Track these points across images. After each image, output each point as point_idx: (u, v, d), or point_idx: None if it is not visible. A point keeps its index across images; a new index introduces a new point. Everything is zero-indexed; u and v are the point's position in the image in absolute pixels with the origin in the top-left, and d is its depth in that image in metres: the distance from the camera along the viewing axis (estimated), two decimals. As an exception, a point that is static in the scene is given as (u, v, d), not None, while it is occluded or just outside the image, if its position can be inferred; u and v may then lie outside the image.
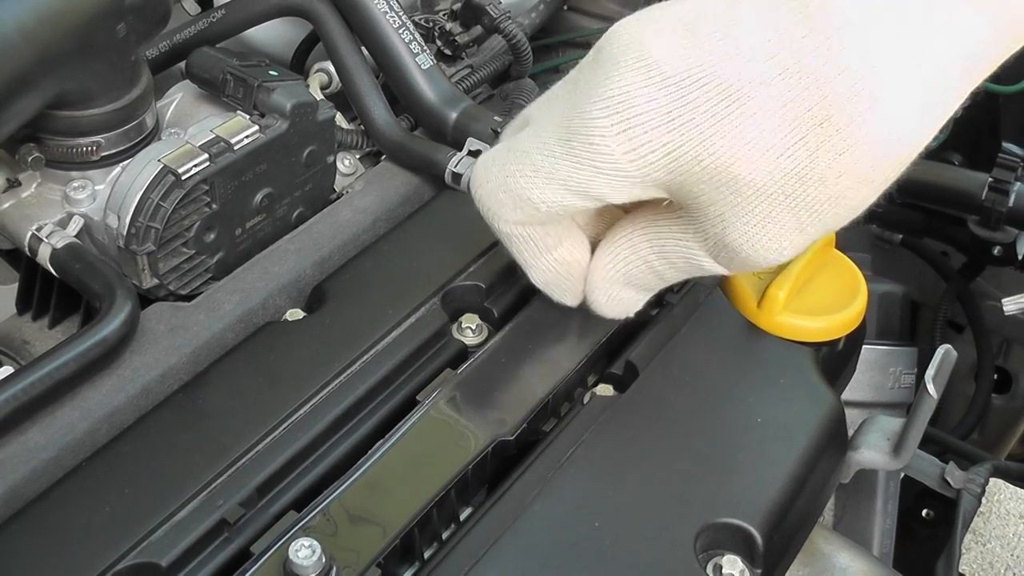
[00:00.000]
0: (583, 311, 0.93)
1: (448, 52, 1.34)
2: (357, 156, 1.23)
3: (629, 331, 0.97)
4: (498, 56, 1.38)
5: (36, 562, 0.76)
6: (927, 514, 1.74)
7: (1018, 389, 1.84)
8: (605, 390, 0.91)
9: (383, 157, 1.23)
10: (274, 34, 1.35)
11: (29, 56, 0.90)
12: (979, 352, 1.71)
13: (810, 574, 1.05)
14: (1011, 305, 1.27)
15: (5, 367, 0.94)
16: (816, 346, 0.95)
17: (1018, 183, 1.34)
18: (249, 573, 0.74)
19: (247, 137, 1.02)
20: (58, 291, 1.08)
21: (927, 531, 1.72)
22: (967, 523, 1.15)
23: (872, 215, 1.52)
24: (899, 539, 1.42)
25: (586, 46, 1.90)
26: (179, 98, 1.14)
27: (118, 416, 0.89)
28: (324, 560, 0.74)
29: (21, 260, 1.12)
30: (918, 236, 1.68)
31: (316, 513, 0.78)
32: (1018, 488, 2.79)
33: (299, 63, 1.41)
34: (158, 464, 0.83)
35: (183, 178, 0.97)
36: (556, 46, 1.98)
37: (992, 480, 2.33)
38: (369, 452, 0.83)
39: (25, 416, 0.86)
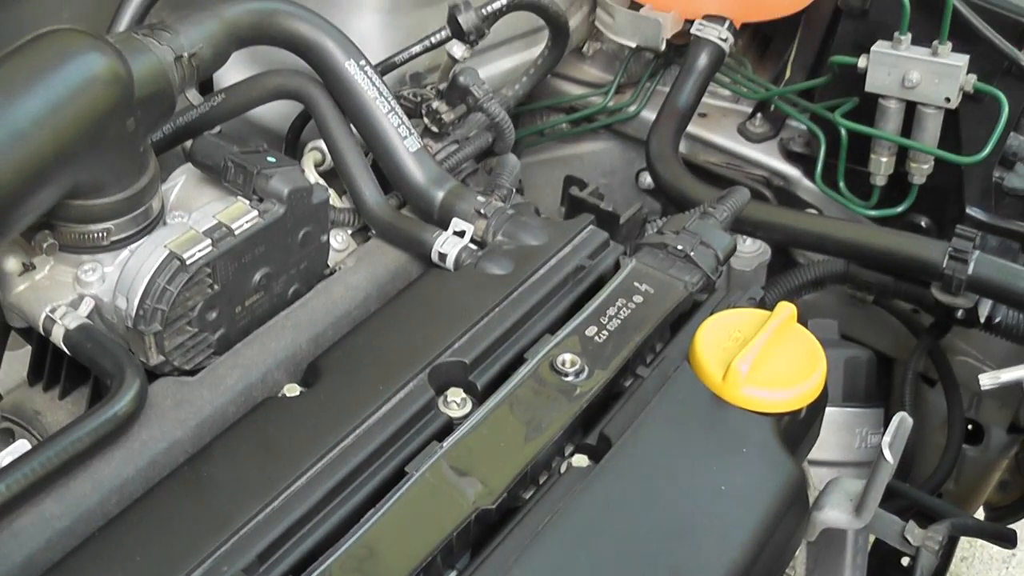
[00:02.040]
0: (560, 385, 1.01)
1: (435, 129, 1.41)
2: (349, 232, 1.30)
3: (603, 403, 1.03)
4: (481, 132, 1.45)
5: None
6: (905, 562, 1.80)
7: (990, 440, 1.90)
8: (580, 460, 0.98)
9: (371, 233, 1.30)
10: (270, 109, 1.43)
11: (48, 152, 0.97)
12: (949, 405, 1.77)
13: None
14: (987, 380, 1.33)
15: (22, 440, 1.01)
16: (778, 416, 1.02)
17: (976, 251, 1.41)
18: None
19: (247, 222, 1.10)
20: (68, 365, 1.15)
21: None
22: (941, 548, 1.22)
23: (844, 277, 1.60)
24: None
25: (568, 110, 1.99)
26: (182, 181, 1.22)
27: (128, 487, 0.96)
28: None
29: (32, 335, 1.19)
30: (888, 298, 1.75)
31: (312, 582, 0.85)
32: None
33: (294, 137, 1.49)
34: (167, 533, 0.89)
35: (188, 263, 1.05)
36: (540, 111, 2.06)
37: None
38: (361, 520, 0.90)
39: (41, 488, 0.92)
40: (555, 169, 2.01)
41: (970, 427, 1.92)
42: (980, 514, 2.16)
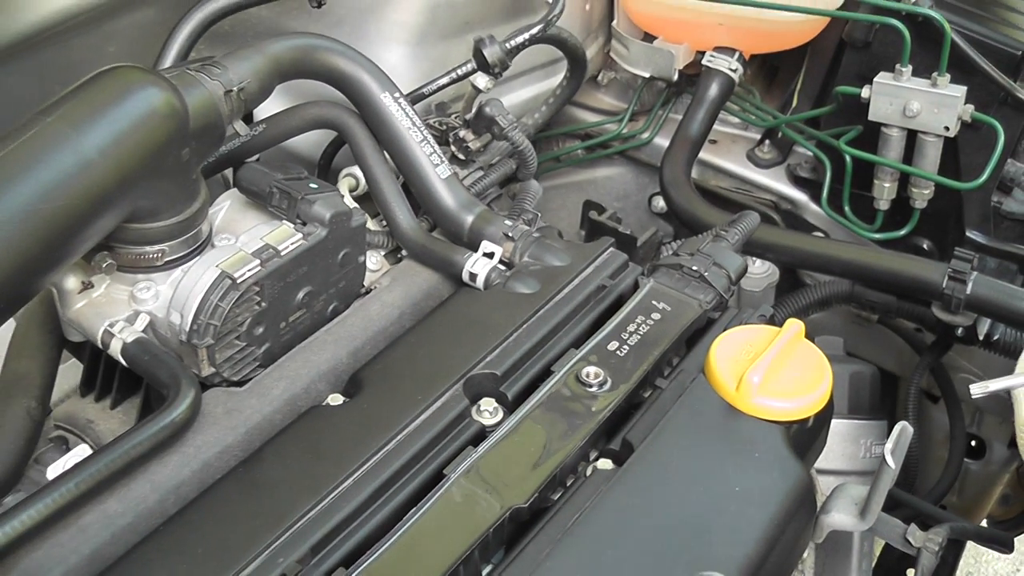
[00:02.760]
0: (585, 396, 1.08)
1: (461, 156, 1.49)
2: (382, 254, 1.38)
3: (624, 412, 1.11)
4: (505, 160, 1.53)
5: (128, 612, 0.90)
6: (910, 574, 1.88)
7: (992, 455, 1.98)
8: (605, 464, 1.05)
9: (404, 254, 1.38)
10: (303, 138, 1.51)
11: (112, 179, 1.05)
12: (951, 420, 1.85)
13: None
14: (977, 390, 1.40)
15: (82, 445, 1.09)
16: (788, 424, 1.09)
17: (974, 272, 1.49)
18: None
19: (292, 244, 1.18)
20: (120, 377, 1.23)
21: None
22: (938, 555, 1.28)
23: (849, 297, 1.68)
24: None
25: (584, 137, 2.07)
26: (227, 206, 1.30)
27: (184, 488, 1.04)
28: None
29: (84, 349, 1.27)
30: (891, 318, 1.83)
31: (362, 570, 0.92)
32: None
33: (326, 164, 1.57)
34: (225, 528, 0.97)
35: (238, 281, 1.13)
36: (556, 137, 2.15)
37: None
38: (404, 518, 0.97)
39: (104, 488, 1.00)
40: (571, 193, 2.10)
41: (972, 443, 2.00)
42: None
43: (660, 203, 1.99)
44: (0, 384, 1.18)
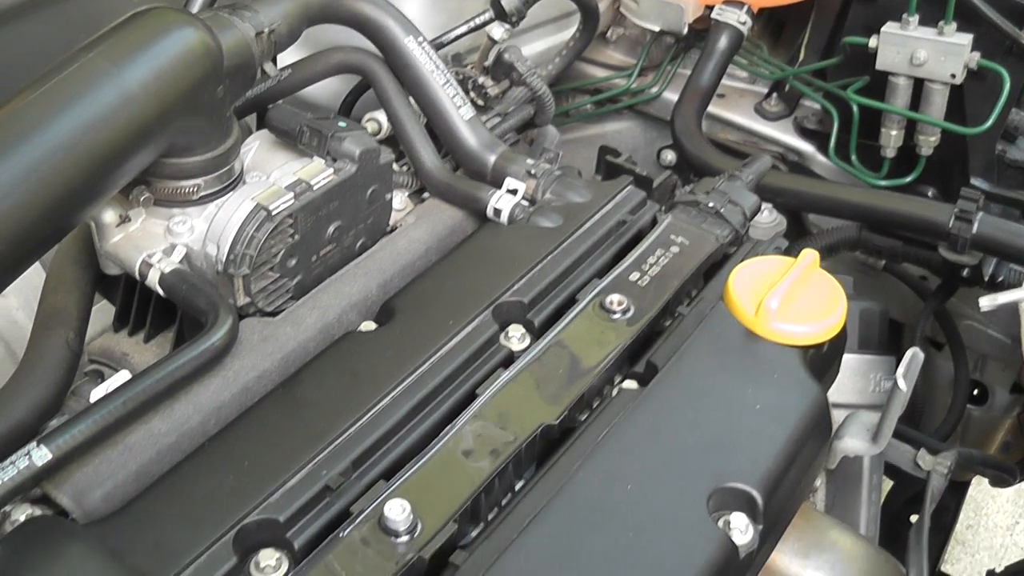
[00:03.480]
0: (609, 322, 1.13)
1: (480, 103, 1.53)
2: (406, 194, 1.42)
3: (646, 339, 1.15)
4: (522, 106, 1.56)
5: (177, 519, 0.94)
6: (914, 518, 1.92)
7: (994, 401, 2.02)
8: (630, 385, 1.09)
9: (425, 194, 1.42)
10: (322, 88, 1.54)
11: (152, 114, 1.08)
12: (955, 365, 1.89)
13: (806, 546, 1.22)
14: (987, 302, 1.44)
15: (123, 371, 1.12)
16: (804, 349, 1.13)
17: (980, 212, 1.53)
18: (352, 527, 0.93)
19: (323, 178, 1.22)
20: (154, 310, 1.26)
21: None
22: (935, 498, 1.33)
23: (856, 243, 1.71)
24: (888, 544, 1.58)
25: (593, 92, 2.11)
26: (256, 146, 1.33)
27: (224, 410, 1.08)
28: (413, 517, 0.92)
29: (116, 289, 1.30)
30: (898, 262, 1.87)
31: (402, 483, 0.97)
32: (1004, 503, 2.98)
33: (346, 113, 1.61)
34: (268, 443, 1.01)
35: (273, 213, 1.17)
36: (566, 92, 2.18)
37: (980, 496, 2.54)
38: (440, 435, 1.02)
39: (149, 409, 1.04)
40: (580, 148, 2.13)
41: (975, 391, 2.04)
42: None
43: (669, 156, 2.02)
44: (38, 317, 1.22)
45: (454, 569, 0.91)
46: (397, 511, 0.92)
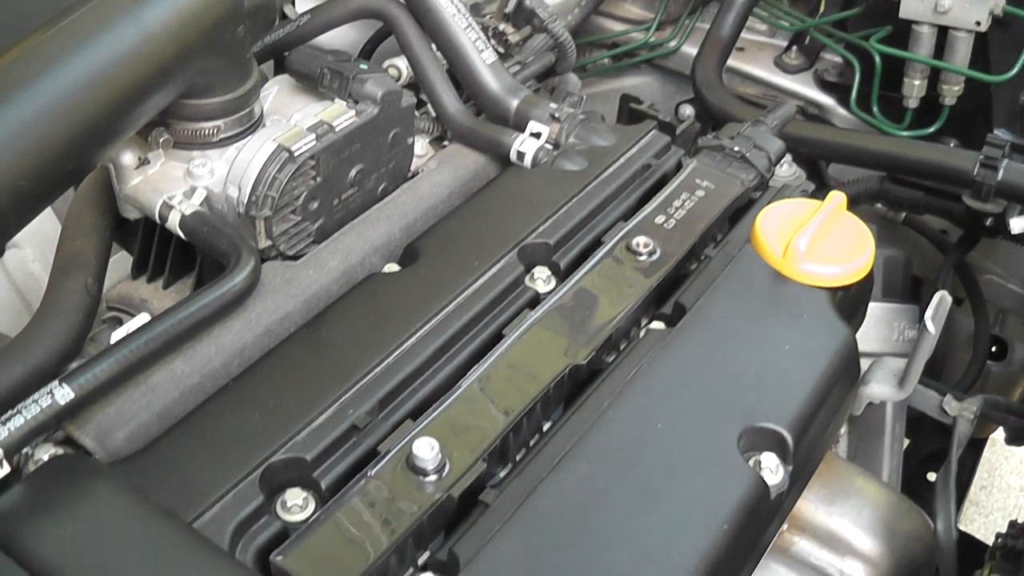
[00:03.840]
0: (635, 264, 1.11)
1: (501, 50, 1.51)
2: (427, 140, 1.40)
3: (673, 282, 1.14)
4: (543, 54, 1.54)
5: (202, 458, 0.93)
6: (932, 477, 1.91)
7: (1014, 356, 2.01)
8: (658, 326, 1.08)
9: (446, 142, 1.41)
10: (340, 36, 1.53)
11: (172, 52, 1.07)
12: (976, 318, 1.88)
13: (831, 493, 1.21)
14: (1017, 225, 1.42)
15: (143, 314, 1.11)
16: (832, 290, 1.12)
17: (1006, 160, 1.51)
18: (379, 466, 0.91)
19: (345, 120, 1.21)
20: (173, 257, 1.25)
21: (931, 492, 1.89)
22: (962, 443, 1.32)
23: (877, 194, 1.70)
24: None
25: (611, 46, 2.09)
26: (276, 90, 1.32)
27: (247, 352, 1.06)
28: (441, 456, 0.91)
29: (134, 238, 1.29)
30: (920, 213, 1.85)
31: (430, 422, 0.95)
32: (1018, 464, 2.96)
33: (366, 59, 1.59)
34: (294, 383, 1.00)
35: (295, 154, 1.15)
36: (583, 47, 2.16)
37: (994, 457, 2.52)
38: (467, 375, 1.00)
39: (171, 349, 1.03)
40: (597, 103, 2.10)
41: (994, 348, 2.02)
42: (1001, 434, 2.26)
43: (687, 111, 2.00)
44: (56, 262, 1.20)
45: (484, 507, 0.90)
46: (425, 450, 0.91)
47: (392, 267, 1.15)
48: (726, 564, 0.90)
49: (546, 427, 1.01)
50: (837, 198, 1.17)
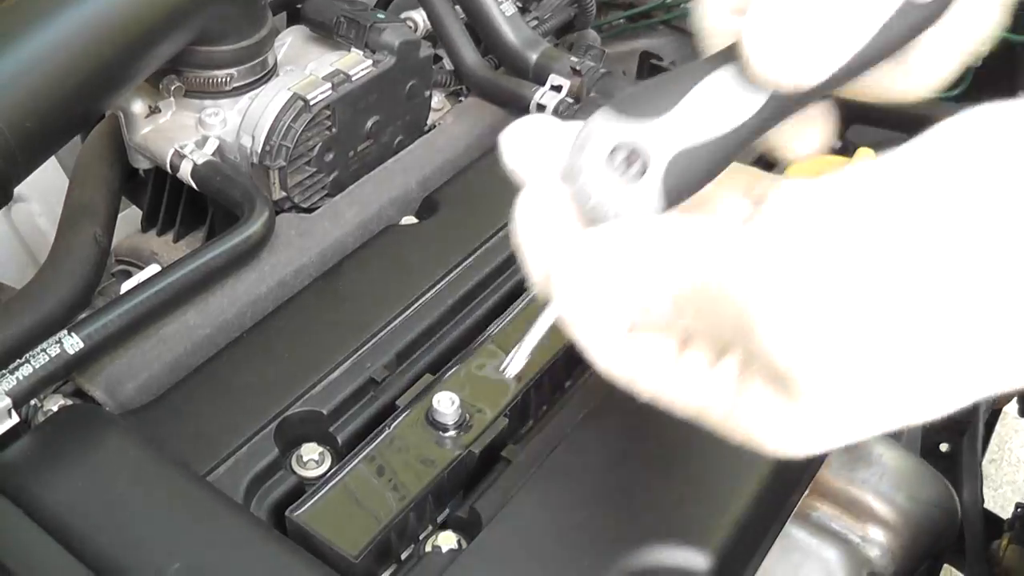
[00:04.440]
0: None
1: (519, 4, 1.48)
2: (443, 94, 1.37)
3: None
4: (562, 9, 1.51)
5: (216, 410, 0.91)
6: (944, 447, 1.88)
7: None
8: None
9: (462, 97, 1.37)
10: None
11: (183, -5, 1.04)
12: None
13: (852, 459, 1.18)
14: None
15: (153, 265, 1.08)
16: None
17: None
18: (398, 421, 0.89)
19: (362, 70, 1.17)
20: (184, 210, 1.22)
21: (944, 463, 1.86)
22: (988, 409, 1.29)
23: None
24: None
25: (627, 7, 2.05)
26: (290, 40, 1.28)
27: (261, 304, 1.03)
28: (462, 411, 0.88)
29: (145, 187, 1.26)
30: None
31: (449, 376, 0.93)
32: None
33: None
34: (310, 335, 0.97)
35: (311, 103, 1.12)
36: (599, 7, 2.12)
37: (1004, 431, 2.50)
38: (489, 328, 0.97)
39: (182, 300, 1.00)
40: (612, 64, 2.07)
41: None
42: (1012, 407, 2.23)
43: (703, 73, 1.96)
44: (64, 212, 1.17)
45: (506, 464, 0.88)
46: (446, 404, 0.88)
47: (409, 219, 1.12)
48: (752, 526, 0.88)
49: (568, 383, 0.99)
50: (866, 154, 1.14)
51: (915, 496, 1.19)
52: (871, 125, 1.74)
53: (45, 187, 1.58)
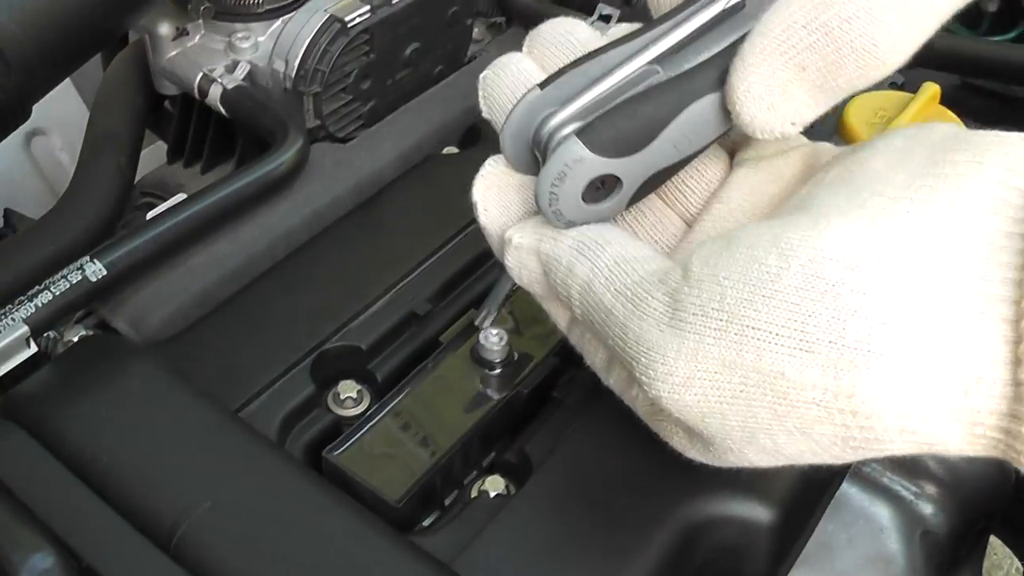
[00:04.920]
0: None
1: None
2: (484, 25, 1.31)
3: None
4: (605, -60, 1.44)
5: (248, 343, 0.85)
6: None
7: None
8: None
9: (502, 30, 1.31)
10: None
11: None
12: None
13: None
14: None
15: (180, 194, 1.02)
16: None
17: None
18: (442, 358, 0.83)
19: (403, -7, 1.11)
20: (212, 138, 1.16)
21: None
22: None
23: (952, 101, 1.59)
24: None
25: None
26: (325, -37, 1.22)
27: (294, 235, 0.98)
28: (509, 348, 0.82)
29: (170, 119, 1.20)
30: (992, 125, 1.75)
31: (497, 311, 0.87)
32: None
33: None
34: (348, 267, 0.92)
35: (348, 26, 1.05)
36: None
37: None
38: (536, 262, 0.91)
39: (211, 230, 0.94)
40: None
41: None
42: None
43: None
44: (86, 140, 1.11)
45: (557, 404, 0.82)
46: (493, 340, 0.82)
47: (452, 149, 1.06)
48: (815, 479, 0.82)
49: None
50: (930, 90, 1.08)
51: (969, 453, 1.14)
52: (919, 65, 1.67)
53: (66, 120, 1.53)
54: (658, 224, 0.70)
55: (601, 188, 0.60)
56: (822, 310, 0.51)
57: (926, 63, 1.55)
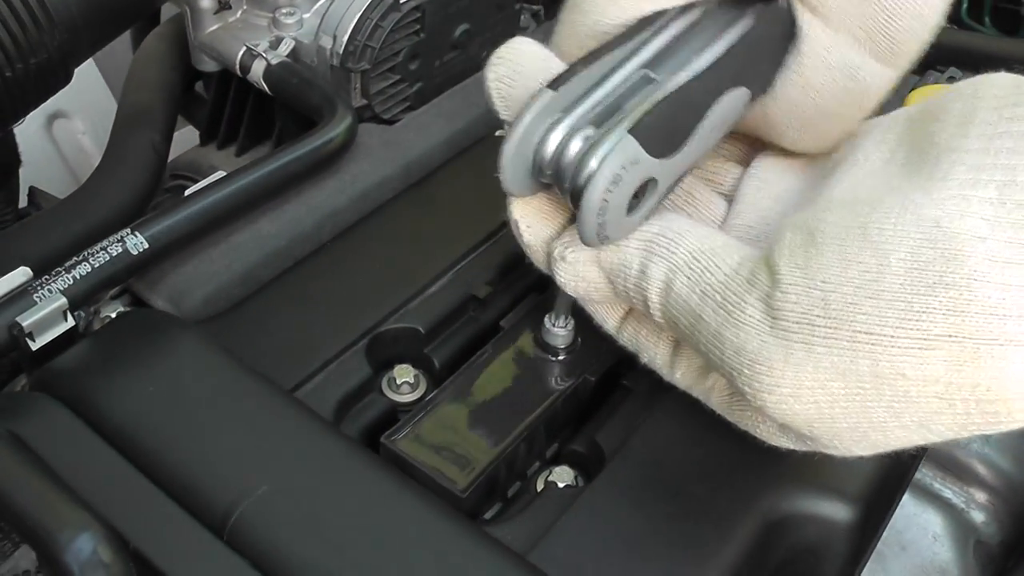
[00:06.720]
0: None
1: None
2: (529, 14, 1.27)
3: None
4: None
5: (301, 323, 0.80)
6: None
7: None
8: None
9: (541, 20, 1.27)
10: None
11: None
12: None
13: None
14: None
15: (219, 172, 0.98)
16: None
17: None
18: (502, 343, 0.79)
19: (456, -28, 1.07)
20: (249, 119, 1.12)
21: None
22: None
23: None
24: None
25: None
26: (368, -58, 1.18)
27: (341, 216, 0.93)
28: (574, 334, 0.78)
29: (203, 103, 1.16)
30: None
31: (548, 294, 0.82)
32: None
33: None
34: (402, 247, 0.87)
35: (400, 1, 1.01)
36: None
37: None
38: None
39: (255, 207, 0.90)
40: None
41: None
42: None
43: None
44: (119, 117, 1.07)
45: (626, 392, 0.77)
46: (559, 325, 0.78)
47: (504, 132, 1.02)
48: (891, 477, 0.77)
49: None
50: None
51: (1021, 460, 1.10)
52: (963, 69, 1.64)
53: (89, 105, 1.48)
54: (710, 204, 0.68)
55: (635, 197, 0.56)
56: (935, 304, 0.48)
57: (987, 65, 1.52)
